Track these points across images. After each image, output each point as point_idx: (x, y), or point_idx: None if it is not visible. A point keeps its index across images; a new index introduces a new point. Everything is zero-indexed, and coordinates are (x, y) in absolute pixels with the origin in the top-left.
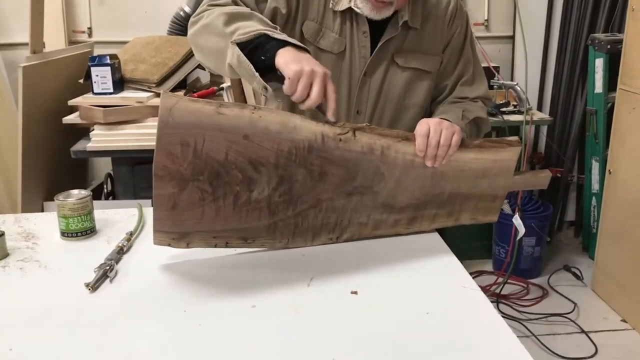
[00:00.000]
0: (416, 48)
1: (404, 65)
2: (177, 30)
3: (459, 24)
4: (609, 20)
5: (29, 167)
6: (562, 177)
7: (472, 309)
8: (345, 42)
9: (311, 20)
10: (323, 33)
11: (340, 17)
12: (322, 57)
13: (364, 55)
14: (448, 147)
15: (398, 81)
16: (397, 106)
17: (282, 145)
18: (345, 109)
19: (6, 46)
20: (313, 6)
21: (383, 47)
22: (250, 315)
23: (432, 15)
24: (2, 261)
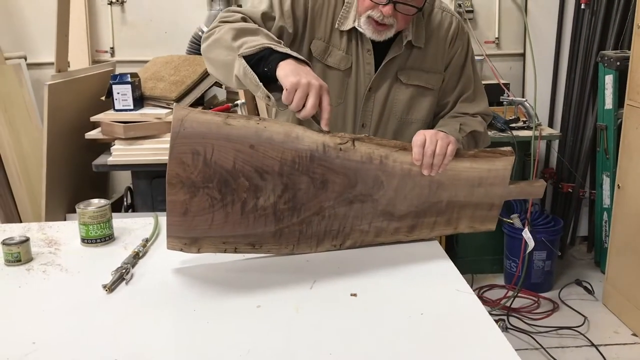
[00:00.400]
0: (419, 66)
1: (407, 83)
2: (195, 49)
3: (460, 44)
4: (619, 37)
5: (53, 180)
6: (573, 192)
7: (465, 311)
8: (351, 59)
9: (319, 39)
10: (330, 51)
11: (346, 36)
12: (330, 74)
13: (368, 71)
14: (443, 157)
15: (401, 97)
16: (401, 121)
17: (285, 154)
18: (352, 122)
19: (33, 65)
20: (320, 26)
21: (387, 64)
22: (255, 314)
23: (434, 35)
24: (27, 265)
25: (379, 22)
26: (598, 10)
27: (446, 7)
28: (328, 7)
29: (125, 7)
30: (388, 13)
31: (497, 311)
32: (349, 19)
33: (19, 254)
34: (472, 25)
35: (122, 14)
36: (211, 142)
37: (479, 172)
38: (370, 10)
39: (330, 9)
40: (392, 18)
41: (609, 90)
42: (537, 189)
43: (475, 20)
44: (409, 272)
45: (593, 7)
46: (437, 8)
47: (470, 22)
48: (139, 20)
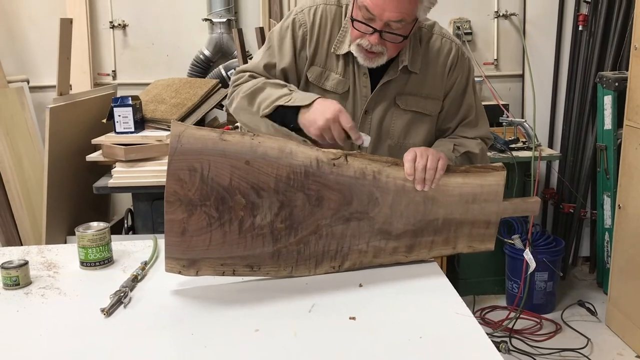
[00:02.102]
0: (417, 92)
1: (405, 108)
2: (197, 72)
3: (460, 71)
4: (617, 58)
5: (53, 202)
6: (575, 212)
7: (464, 334)
8: (348, 82)
9: (316, 65)
10: (327, 76)
11: (343, 60)
12: (328, 97)
13: (365, 94)
14: (435, 170)
15: (399, 122)
16: (397, 145)
17: (280, 170)
18: (349, 144)
19: (36, 88)
20: (318, 53)
21: (383, 87)
22: (253, 338)
23: (432, 62)
24: (25, 288)
25: (369, 51)
26: (595, 31)
27: (446, 33)
28: (324, 34)
29: (127, 31)
30: (375, 42)
31: (500, 333)
32: (344, 43)
33: (17, 278)
34: (471, 47)
35: (124, 37)
36: (207, 158)
37: (472, 188)
38: (359, 39)
39: (327, 35)
40: (380, 46)
41: (608, 110)
42: (532, 205)
43: (474, 42)
44: (408, 294)
45: (591, 28)
46: (437, 34)
47: (469, 44)
48: (141, 43)
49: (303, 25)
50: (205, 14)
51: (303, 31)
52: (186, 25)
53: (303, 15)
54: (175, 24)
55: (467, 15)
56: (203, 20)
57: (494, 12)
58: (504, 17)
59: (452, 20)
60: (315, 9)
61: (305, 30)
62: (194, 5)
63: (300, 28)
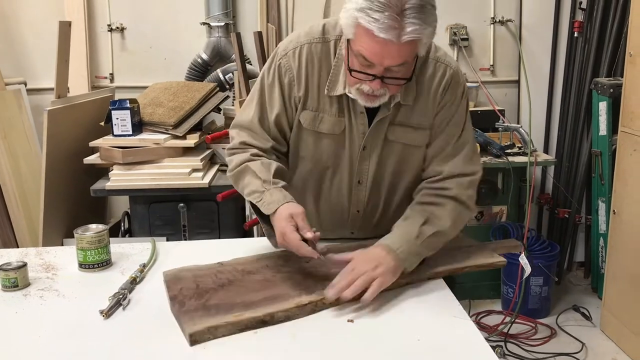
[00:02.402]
0: (406, 122)
1: (393, 140)
2: (194, 75)
3: (450, 97)
4: (611, 64)
5: (51, 205)
6: (570, 218)
7: (462, 338)
8: (344, 121)
9: (308, 110)
10: (321, 118)
11: (337, 99)
12: (324, 139)
13: (362, 131)
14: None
15: (392, 153)
16: (394, 174)
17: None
18: (347, 180)
19: (33, 91)
20: (312, 96)
21: (378, 123)
22: (252, 340)
23: (425, 89)
24: (24, 290)
25: (369, 94)
26: (591, 38)
27: (441, 56)
28: (312, 75)
29: (125, 34)
30: (377, 87)
31: (495, 337)
32: (338, 84)
33: (16, 280)
34: (467, 53)
35: (122, 40)
36: None
37: None
38: (357, 85)
39: (315, 77)
40: (382, 89)
41: (603, 116)
42: None
43: (470, 48)
44: (406, 297)
45: (586, 35)
46: (432, 59)
47: (465, 50)
48: (139, 46)
49: (289, 71)
50: (203, 18)
51: (289, 77)
52: (184, 28)
53: (288, 59)
54: (174, 27)
55: (464, 21)
56: (201, 24)
57: (490, 18)
58: (500, 23)
59: (449, 26)
60: (299, 51)
61: (292, 77)
62: (192, 9)
63: (286, 74)
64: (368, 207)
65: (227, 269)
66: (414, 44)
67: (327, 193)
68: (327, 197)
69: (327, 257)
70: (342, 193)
